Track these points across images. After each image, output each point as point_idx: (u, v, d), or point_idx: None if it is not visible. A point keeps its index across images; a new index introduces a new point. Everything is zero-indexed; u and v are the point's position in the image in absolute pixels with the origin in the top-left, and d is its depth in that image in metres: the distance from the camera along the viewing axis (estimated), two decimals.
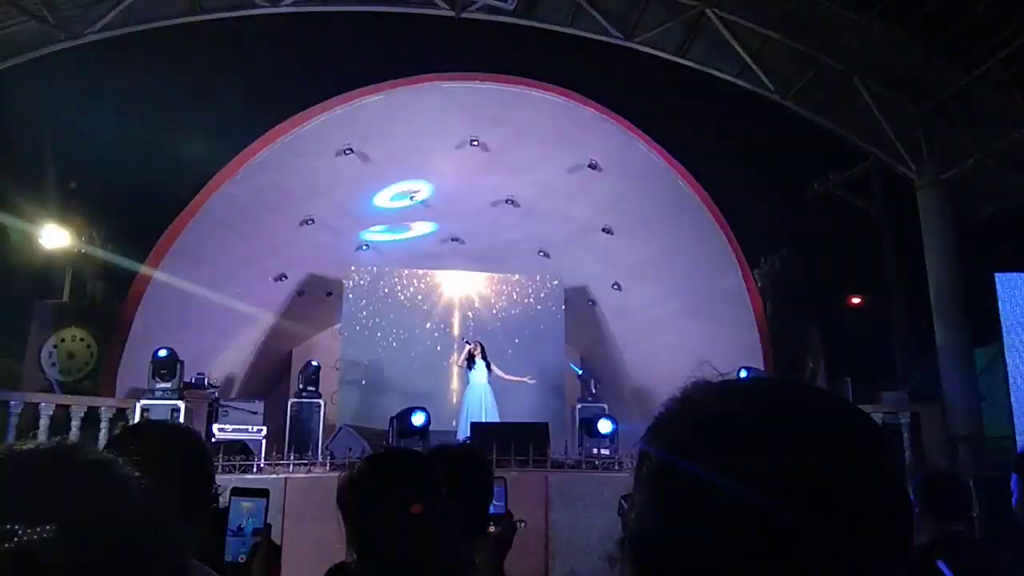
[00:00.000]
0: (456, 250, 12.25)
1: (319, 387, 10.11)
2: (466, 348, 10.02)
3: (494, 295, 12.13)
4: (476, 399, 9.60)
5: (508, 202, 10.75)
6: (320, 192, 10.06)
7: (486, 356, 9.84)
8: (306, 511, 5.33)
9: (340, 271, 11.70)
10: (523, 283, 12.17)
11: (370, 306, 11.64)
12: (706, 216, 9.86)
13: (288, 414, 9.76)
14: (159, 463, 0.72)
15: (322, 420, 9.81)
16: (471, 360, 9.79)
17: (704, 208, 9.82)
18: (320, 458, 7.93)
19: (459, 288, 12.11)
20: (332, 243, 11.27)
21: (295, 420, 9.65)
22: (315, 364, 10.29)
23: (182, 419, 7.73)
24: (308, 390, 9.96)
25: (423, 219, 11.57)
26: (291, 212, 10.18)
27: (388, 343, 11.53)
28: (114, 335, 8.90)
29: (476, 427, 8.47)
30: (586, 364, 12.23)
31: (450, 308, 12.00)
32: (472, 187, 10.66)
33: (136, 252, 9.25)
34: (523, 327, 11.81)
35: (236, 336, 11.12)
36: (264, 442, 8.21)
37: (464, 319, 11.84)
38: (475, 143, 9.54)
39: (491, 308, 12.03)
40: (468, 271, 12.25)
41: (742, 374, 0.74)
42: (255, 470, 6.98)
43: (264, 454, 7.79)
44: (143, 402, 7.88)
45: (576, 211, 10.79)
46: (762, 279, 11.60)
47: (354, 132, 9.17)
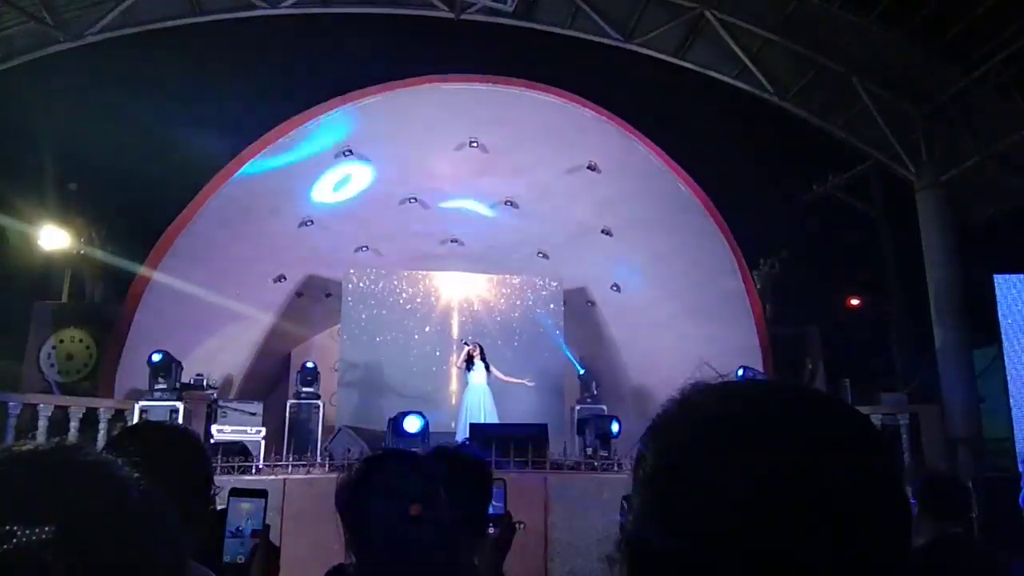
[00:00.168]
0: (455, 251, 12.23)
1: (318, 388, 10.12)
2: (465, 349, 10.01)
3: (493, 296, 12.12)
4: (475, 400, 9.58)
5: (507, 203, 10.75)
6: (319, 195, 10.05)
7: (485, 357, 9.82)
8: (305, 512, 5.32)
9: (339, 272, 11.69)
10: (522, 284, 12.16)
11: (369, 307, 11.63)
12: (705, 218, 9.85)
13: (287, 415, 9.77)
14: (158, 464, 0.72)
15: (321, 421, 9.82)
16: (470, 361, 9.78)
17: (703, 210, 9.81)
18: (319, 459, 7.90)
19: (458, 289, 12.09)
20: (331, 244, 11.26)
21: (294, 421, 9.66)
22: (309, 366, 10.28)
23: (181, 420, 7.72)
24: (307, 391, 9.97)
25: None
26: (290, 213, 10.18)
27: (387, 344, 11.51)
28: (113, 336, 8.89)
29: (475, 428, 8.44)
30: (586, 365, 12.22)
31: (449, 309, 11.98)
32: (473, 188, 10.66)
33: (135, 253, 9.25)
34: (522, 328, 11.80)
35: (235, 337, 11.09)
36: (263, 443, 8.21)
37: (463, 320, 11.81)
38: (474, 144, 9.55)
39: (490, 309, 12.01)
40: (467, 272, 12.24)
41: (739, 373, 0.74)
42: (254, 471, 6.95)
43: (263, 455, 7.77)
44: (142, 403, 7.88)
45: (575, 213, 10.78)
46: (761, 280, 11.61)
47: (354, 132, 9.17)
